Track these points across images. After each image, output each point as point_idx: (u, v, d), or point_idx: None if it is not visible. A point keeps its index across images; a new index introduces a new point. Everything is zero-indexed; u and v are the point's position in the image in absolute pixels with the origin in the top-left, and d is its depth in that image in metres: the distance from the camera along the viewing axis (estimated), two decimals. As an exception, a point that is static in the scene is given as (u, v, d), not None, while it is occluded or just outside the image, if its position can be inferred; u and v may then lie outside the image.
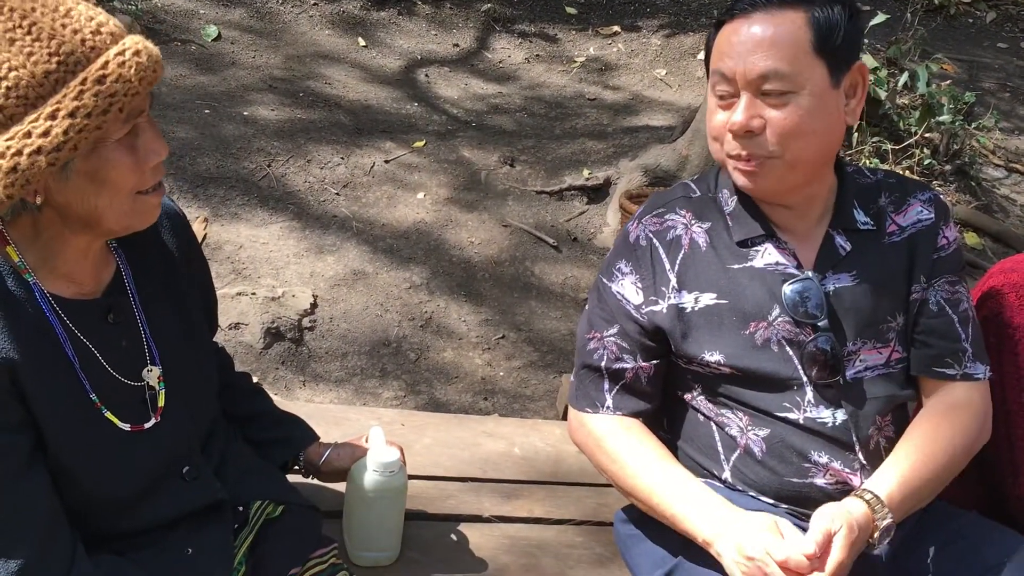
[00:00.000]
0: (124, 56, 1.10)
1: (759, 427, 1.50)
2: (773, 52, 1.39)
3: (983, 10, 7.44)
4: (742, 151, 1.44)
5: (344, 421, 2.01)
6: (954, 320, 1.54)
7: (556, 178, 4.68)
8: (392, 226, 4.19)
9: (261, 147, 4.53)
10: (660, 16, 6.82)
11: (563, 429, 2.19)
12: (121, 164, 1.15)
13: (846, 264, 1.51)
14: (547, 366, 3.54)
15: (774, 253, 1.51)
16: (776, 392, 1.49)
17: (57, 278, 1.23)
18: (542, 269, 4.09)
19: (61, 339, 1.21)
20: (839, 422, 1.48)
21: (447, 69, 5.97)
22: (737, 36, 1.41)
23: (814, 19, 1.40)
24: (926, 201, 1.57)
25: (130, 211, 1.20)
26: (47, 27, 1.08)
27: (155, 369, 1.32)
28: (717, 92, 1.46)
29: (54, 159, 1.08)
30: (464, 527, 1.76)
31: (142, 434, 1.28)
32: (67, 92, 1.08)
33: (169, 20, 5.64)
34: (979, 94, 5.62)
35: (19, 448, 1.16)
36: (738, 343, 1.49)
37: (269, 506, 1.47)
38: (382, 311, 3.67)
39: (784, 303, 1.48)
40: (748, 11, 1.41)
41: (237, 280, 3.66)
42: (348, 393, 3.27)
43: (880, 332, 1.51)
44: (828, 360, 1.47)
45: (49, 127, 1.07)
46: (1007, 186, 5.22)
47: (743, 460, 1.52)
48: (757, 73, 1.39)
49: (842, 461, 1.48)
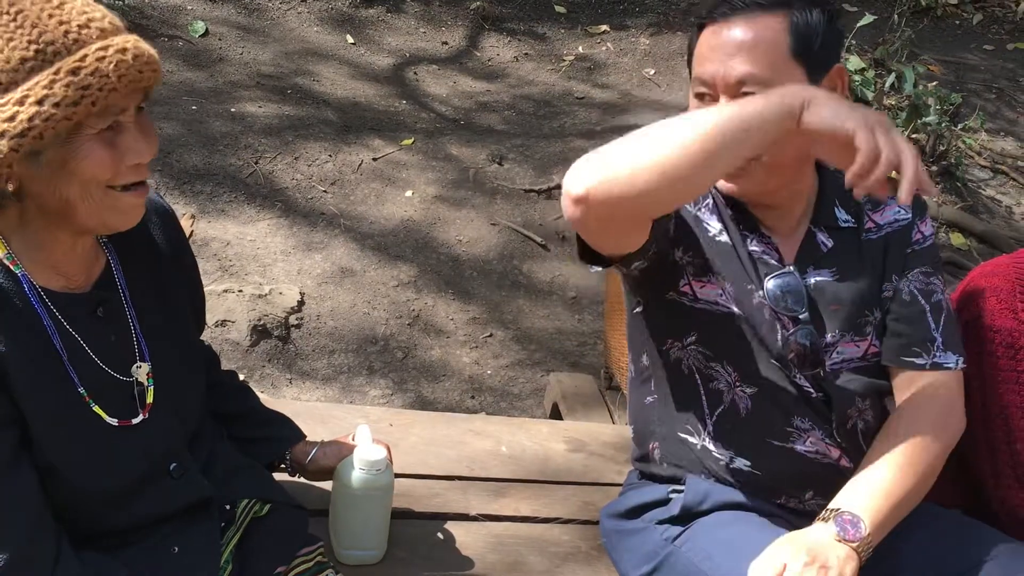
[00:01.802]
0: (106, 52, 1.10)
1: (748, 384, 1.52)
2: (751, 57, 1.40)
3: (970, 12, 7.47)
4: None
5: (331, 419, 2.01)
6: (926, 310, 1.55)
7: (544, 176, 4.68)
8: (380, 224, 4.18)
9: (248, 144, 4.52)
10: (649, 15, 6.83)
11: (550, 428, 2.20)
12: (93, 156, 1.14)
13: (827, 260, 1.55)
14: (535, 364, 3.54)
15: (759, 245, 1.54)
16: (767, 352, 1.51)
17: (46, 270, 1.23)
18: (530, 267, 4.10)
19: (49, 331, 1.21)
20: (820, 395, 1.52)
21: (436, 67, 5.96)
22: (716, 40, 1.43)
23: (793, 24, 1.41)
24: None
25: (104, 207, 1.19)
26: (32, 15, 1.09)
27: (144, 366, 1.32)
28: (696, 94, 1.47)
29: (17, 144, 1.07)
30: (451, 525, 1.77)
31: (129, 430, 1.28)
32: (39, 80, 1.08)
33: (156, 16, 5.61)
34: (965, 95, 5.65)
35: (5, 443, 1.16)
36: (742, 290, 1.52)
37: (256, 504, 1.47)
38: (369, 309, 3.67)
39: (766, 296, 1.51)
40: (728, 15, 1.42)
41: (224, 277, 3.65)
42: (335, 391, 3.26)
43: (858, 326, 1.54)
44: (807, 353, 1.50)
45: (15, 112, 1.07)
46: (993, 187, 5.25)
47: (727, 417, 1.54)
48: (735, 78, 1.40)
49: (823, 431, 1.51)
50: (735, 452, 1.54)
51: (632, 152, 1.27)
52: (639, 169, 1.25)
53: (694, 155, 1.24)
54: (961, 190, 5.02)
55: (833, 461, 1.51)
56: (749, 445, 1.53)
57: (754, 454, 1.53)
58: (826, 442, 1.51)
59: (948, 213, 4.75)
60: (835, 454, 1.51)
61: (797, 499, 1.54)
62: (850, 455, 1.52)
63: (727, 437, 1.54)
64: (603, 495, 1.92)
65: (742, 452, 1.53)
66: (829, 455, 1.51)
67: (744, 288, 1.52)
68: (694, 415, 1.57)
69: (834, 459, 1.51)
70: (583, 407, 2.48)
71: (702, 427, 1.55)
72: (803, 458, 1.50)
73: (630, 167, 1.26)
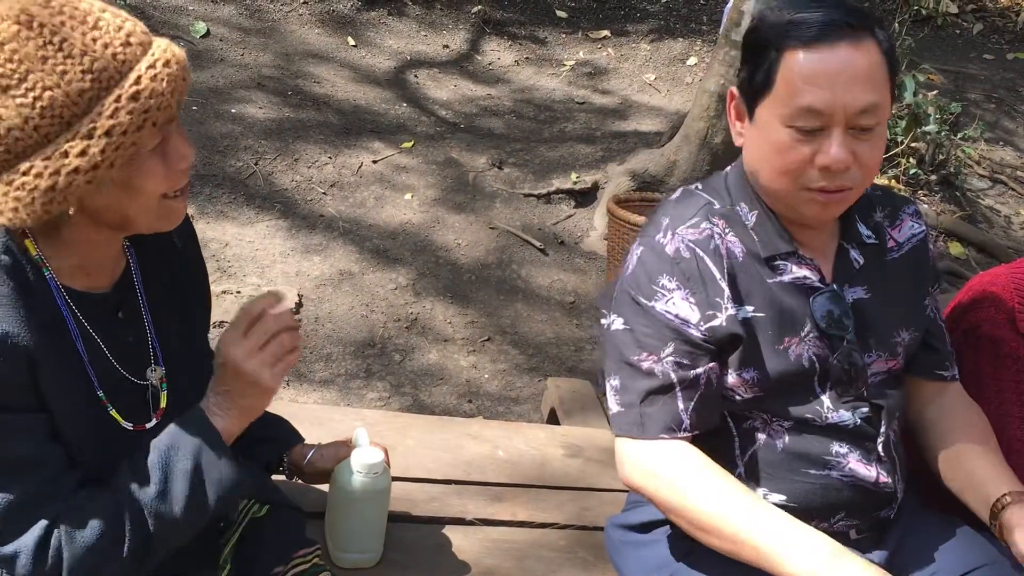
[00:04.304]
0: (156, 69, 1.10)
1: (785, 419, 1.47)
2: (871, 84, 1.34)
3: (970, 22, 7.50)
4: (829, 185, 1.38)
5: (328, 422, 2.01)
6: (942, 326, 1.62)
7: (544, 181, 4.69)
8: (379, 227, 4.18)
9: (248, 145, 4.52)
10: (650, 21, 6.84)
11: (547, 433, 2.20)
12: (154, 172, 1.16)
13: (860, 277, 1.51)
14: (532, 369, 3.54)
15: (799, 268, 1.47)
16: (798, 405, 1.47)
17: (71, 270, 1.23)
18: (529, 272, 4.10)
19: (73, 334, 1.21)
20: (859, 422, 1.47)
21: (437, 70, 5.97)
22: (825, 66, 1.33)
23: (883, 46, 1.37)
24: (913, 215, 1.59)
25: (159, 214, 1.21)
26: (78, 43, 1.07)
27: (159, 369, 1.32)
28: (800, 126, 1.35)
29: (91, 177, 1.08)
30: (447, 530, 1.76)
31: (143, 434, 1.28)
32: (102, 110, 1.07)
33: (157, 16, 5.62)
34: (965, 105, 5.67)
35: (42, 423, 1.16)
36: (772, 359, 1.44)
37: (254, 505, 1.47)
38: (368, 312, 3.66)
39: (815, 316, 1.45)
40: (833, 40, 1.34)
41: (222, 278, 3.65)
42: (332, 394, 3.26)
43: (892, 345, 1.52)
44: (853, 373, 1.46)
45: (86, 147, 1.07)
46: (991, 197, 5.26)
47: (762, 454, 1.48)
48: (859, 108, 1.33)
49: (860, 452, 1.48)
50: (769, 488, 1.48)
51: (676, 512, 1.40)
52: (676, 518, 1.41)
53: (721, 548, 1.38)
54: (960, 199, 5.03)
55: (872, 482, 1.47)
56: (785, 479, 1.47)
57: (790, 487, 1.47)
58: (864, 463, 1.47)
59: (947, 222, 4.76)
60: (873, 474, 1.47)
61: (827, 523, 1.49)
62: (890, 471, 1.50)
63: (760, 474, 1.48)
64: (600, 500, 1.92)
65: (777, 488, 1.48)
66: (868, 477, 1.47)
67: (778, 352, 1.45)
68: (723, 455, 1.48)
69: (872, 479, 1.47)
70: (580, 412, 2.48)
71: (732, 467, 1.48)
72: (840, 483, 1.47)
73: (670, 513, 1.42)
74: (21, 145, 1.07)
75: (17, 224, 1.10)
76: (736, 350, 1.43)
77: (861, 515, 1.49)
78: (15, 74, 1.05)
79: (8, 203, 1.08)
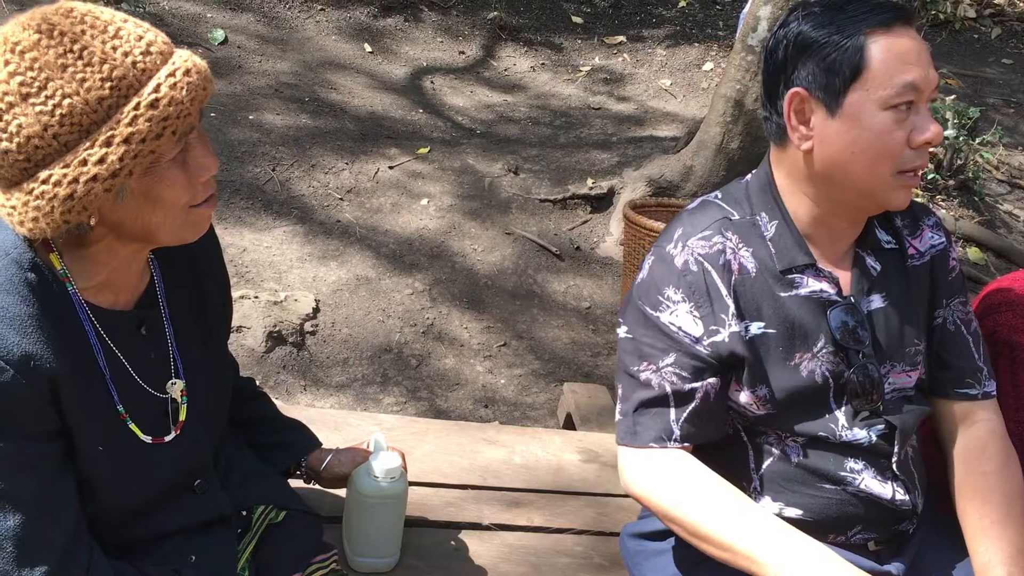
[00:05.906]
0: (175, 77, 1.10)
1: (799, 435, 1.47)
2: (931, 63, 1.39)
3: (988, 26, 7.45)
4: (923, 164, 1.41)
5: (345, 426, 2.02)
6: (969, 340, 1.54)
7: (560, 187, 4.69)
8: (395, 232, 4.20)
9: (266, 152, 4.55)
10: (665, 27, 6.84)
11: (564, 438, 2.20)
12: (174, 182, 1.15)
13: (878, 285, 1.49)
14: (548, 374, 3.54)
15: (816, 281, 1.46)
16: (811, 421, 1.46)
17: (96, 287, 1.23)
18: (544, 278, 4.10)
19: (95, 350, 1.21)
20: (874, 440, 1.46)
21: (453, 77, 5.99)
22: (905, 47, 1.36)
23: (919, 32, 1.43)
24: (934, 226, 1.57)
25: (183, 224, 1.20)
26: (98, 51, 1.07)
27: (179, 382, 1.32)
28: (899, 104, 1.36)
29: (110, 185, 1.07)
30: (464, 535, 1.77)
31: (162, 447, 1.28)
32: (121, 118, 1.07)
33: (176, 23, 5.66)
34: (983, 109, 5.63)
35: (55, 454, 1.16)
36: (782, 376, 1.43)
37: (272, 511, 1.47)
38: (384, 317, 3.68)
39: (831, 330, 1.44)
40: (903, 21, 1.38)
41: (240, 283, 3.67)
42: (349, 398, 3.28)
43: (909, 355, 1.49)
44: (868, 388, 1.45)
45: (104, 154, 1.06)
46: (1010, 202, 5.23)
47: (776, 466, 1.48)
48: (936, 82, 1.39)
49: (875, 469, 1.47)
50: (785, 502, 1.47)
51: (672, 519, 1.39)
52: (672, 525, 1.40)
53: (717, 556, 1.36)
54: (978, 204, 5.00)
55: (887, 499, 1.46)
56: (800, 493, 1.47)
57: (805, 501, 1.47)
58: (879, 480, 1.46)
59: (965, 227, 4.74)
60: (889, 492, 1.46)
61: (844, 536, 1.49)
62: (906, 487, 1.48)
63: (775, 487, 1.48)
64: (616, 506, 1.92)
65: (793, 501, 1.47)
66: (883, 494, 1.46)
67: (788, 369, 1.44)
68: (738, 468, 1.49)
69: (888, 497, 1.46)
70: (596, 418, 2.48)
71: (747, 483, 1.49)
72: (855, 498, 1.46)
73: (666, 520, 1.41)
74: (41, 153, 1.07)
75: (38, 234, 1.10)
76: (742, 367, 1.42)
77: (879, 529, 1.48)
78: (35, 82, 1.05)
79: (29, 212, 1.08)
